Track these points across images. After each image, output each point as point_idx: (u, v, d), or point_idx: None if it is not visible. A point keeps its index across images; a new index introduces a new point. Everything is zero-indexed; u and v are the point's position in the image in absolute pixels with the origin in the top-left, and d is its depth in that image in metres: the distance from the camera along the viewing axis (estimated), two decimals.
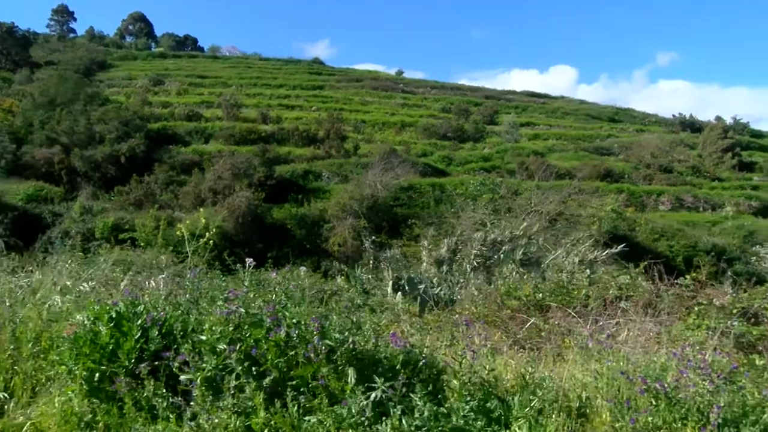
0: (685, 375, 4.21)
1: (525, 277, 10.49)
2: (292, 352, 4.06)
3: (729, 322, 6.44)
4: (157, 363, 4.13)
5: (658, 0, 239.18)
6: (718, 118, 65.11)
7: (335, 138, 42.32)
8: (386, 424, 3.60)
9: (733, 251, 30.39)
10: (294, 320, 4.18)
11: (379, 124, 53.35)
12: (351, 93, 64.56)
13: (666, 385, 4.09)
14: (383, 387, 3.73)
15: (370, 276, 13.67)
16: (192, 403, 3.84)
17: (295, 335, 4.09)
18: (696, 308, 7.01)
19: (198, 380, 3.88)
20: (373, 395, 3.72)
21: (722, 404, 3.86)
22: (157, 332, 4.26)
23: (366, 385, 3.80)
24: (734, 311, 6.76)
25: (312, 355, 3.95)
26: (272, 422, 3.74)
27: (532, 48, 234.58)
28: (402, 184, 33.92)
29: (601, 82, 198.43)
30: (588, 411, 4.34)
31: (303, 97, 60.49)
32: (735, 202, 40.87)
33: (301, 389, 3.93)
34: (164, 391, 3.96)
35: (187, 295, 5.06)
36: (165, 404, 3.90)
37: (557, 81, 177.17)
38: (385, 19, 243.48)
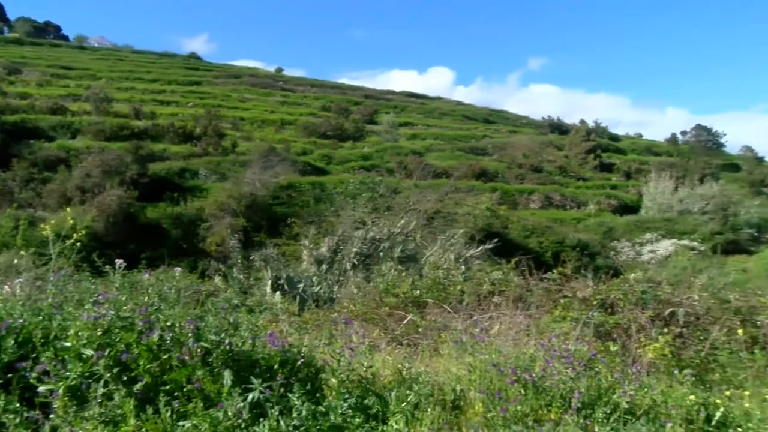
0: (550, 364, 4.47)
1: (403, 274, 10.69)
2: (166, 356, 3.92)
3: (590, 312, 6.88)
4: (10, 375, 3.83)
5: (529, 7, 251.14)
6: (582, 122, 69.33)
7: (213, 135, 41.21)
8: (264, 426, 3.55)
9: (595, 246, 32.47)
10: (168, 323, 4.03)
11: (258, 121, 52.50)
12: (229, 89, 63.10)
13: (534, 375, 4.32)
14: (260, 388, 3.68)
15: (243, 276, 13.46)
16: (52, 416, 3.60)
17: (169, 338, 3.95)
18: (562, 301, 7.44)
19: (60, 390, 3.64)
20: (250, 396, 3.66)
21: (582, 389, 4.15)
22: (13, 341, 3.96)
23: (243, 386, 3.73)
24: (594, 302, 7.22)
25: (187, 357, 3.84)
26: (143, 429, 3.59)
27: (412, 49, 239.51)
28: (281, 183, 33.60)
29: (477, 85, 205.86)
30: (462, 403, 4.49)
31: (179, 92, 58.35)
32: (597, 201, 43.72)
33: (175, 394, 3.80)
34: (18, 405, 3.67)
35: (50, 300, 4.75)
36: (18, 419, 3.60)
37: (436, 82, 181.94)
38: (265, 15, 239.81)
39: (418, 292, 8.52)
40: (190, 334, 3.92)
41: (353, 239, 14.68)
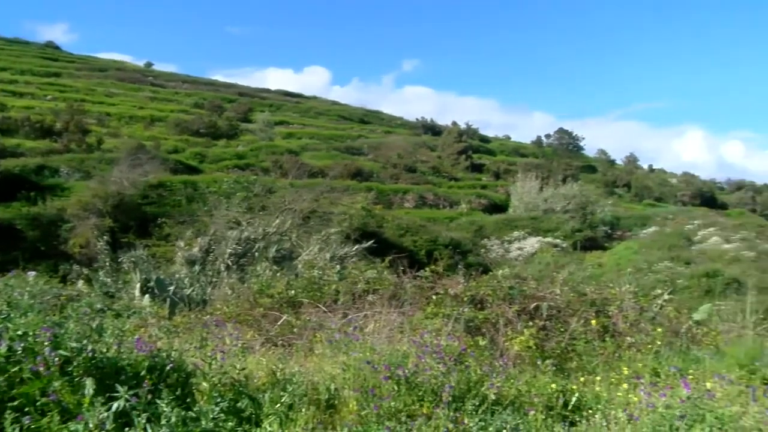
0: (423, 360, 4.59)
1: (278, 274, 10.58)
2: (16, 368, 3.64)
3: (461, 309, 7.11)
4: None
5: (403, 8, 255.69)
6: (454, 124, 71.64)
7: (76, 131, 38.80)
8: None
9: (466, 244, 33.60)
10: (19, 331, 3.74)
11: (126, 117, 50.10)
12: (94, 83, 59.67)
13: (407, 371, 4.42)
14: (126, 396, 3.50)
15: (110, 279, 12.80)
16: None
17: (20, 348, 3.66)
18: (434, 298, 7.64)
19: None
20: (114, 405, 3.47)
21: (452, 383, 4.29)
22: None
23: (107, 395, 3.53)
24: (465, 299, 7.48)
25: (41, 368, 3.58)
26: None
27: (288, 47, 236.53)
28: (151, 182, 32.24)
29: (353, 85, 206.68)
30: (337, 402, 4.51)
31: (35, 84, 54.38)
32: (468, 200, 45.34)
33: (27, 409, 3.52)
34: None
35: None
36: None
37: (312, 81, 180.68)
38: (133, 6, 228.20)
39: (293, 292, 8.45)
40: (46, 343, 3.66)
41: (227, 239, 14.35)
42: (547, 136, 78.87)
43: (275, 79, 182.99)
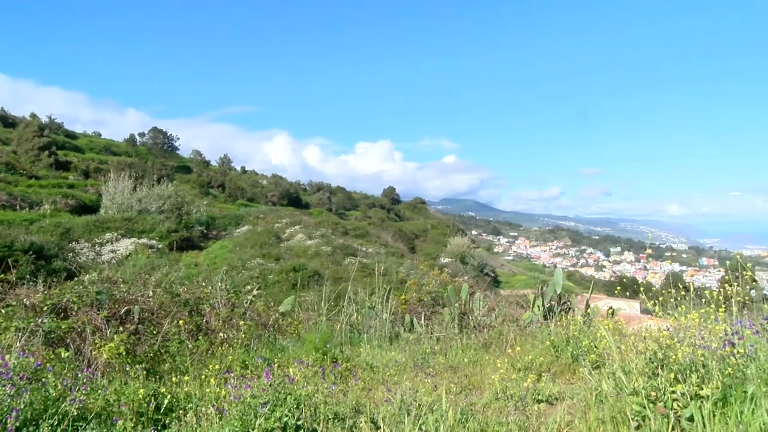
0: None
1: None
2: None
3: (39, 319, 6.40)
4: None
5: None
6: (34, 116, 64.85)
7: None
8: None
9: (51, 249, 30.54)
10: None
11: None
12: None
13: None
14: None
15: None
16: None
17: None
18: (4, 311, 6.71)
19: None
20: None
21: (22, 406, 3.81)
22: None
23: None
24: (45, 308, 6.75)
25: None
26: None
27: None
28: None
29: None
30: None
31: None
32: (53, 200, 41.38)
33: None
34: None
35: None
36: None
37: None
38: None
39: None
40: None
41: None
42: (141, 134, 76.84)
43: None
